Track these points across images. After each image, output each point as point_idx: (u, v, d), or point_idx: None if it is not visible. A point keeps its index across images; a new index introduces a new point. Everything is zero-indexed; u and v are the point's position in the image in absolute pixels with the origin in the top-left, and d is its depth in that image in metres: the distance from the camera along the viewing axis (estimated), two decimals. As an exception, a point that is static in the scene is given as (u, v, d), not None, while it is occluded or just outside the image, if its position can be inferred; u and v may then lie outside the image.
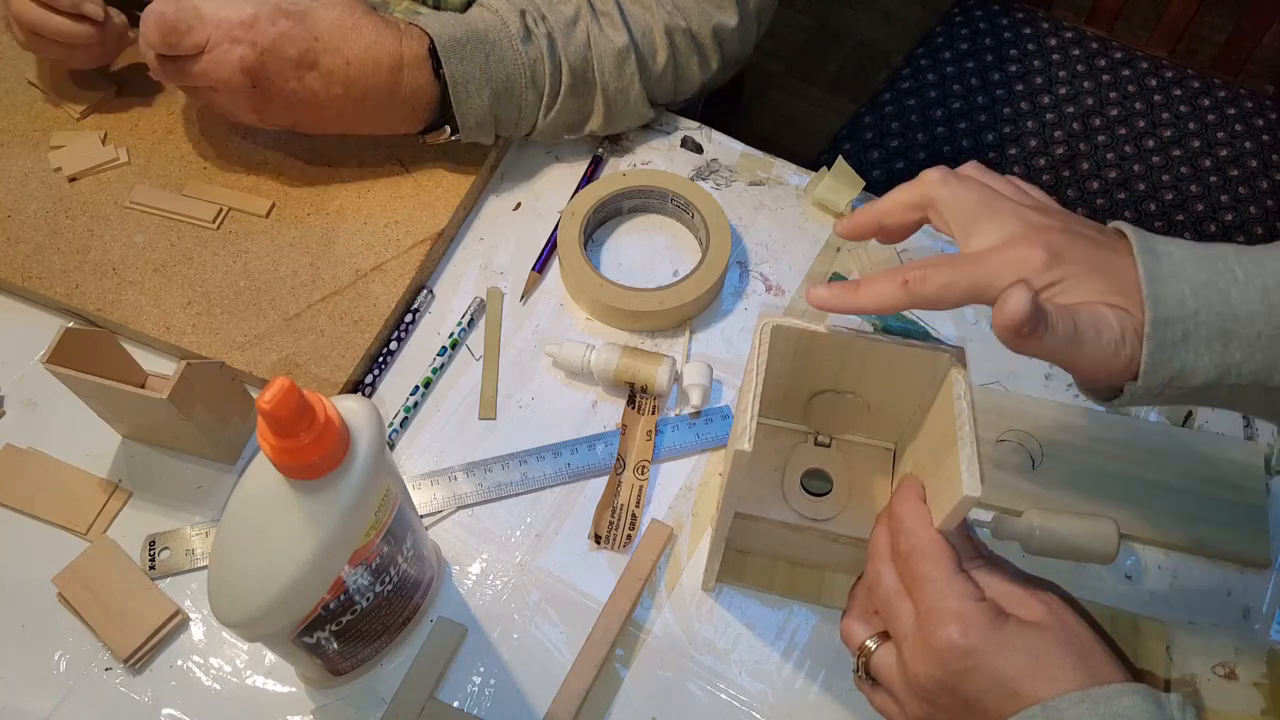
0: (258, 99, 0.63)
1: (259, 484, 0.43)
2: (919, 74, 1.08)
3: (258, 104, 0.63)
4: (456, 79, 0.65)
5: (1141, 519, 0.61)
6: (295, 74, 0.62)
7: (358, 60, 0.63)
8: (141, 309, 0.66)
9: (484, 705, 0.56)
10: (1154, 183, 0.98)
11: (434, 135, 0.69)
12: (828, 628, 0.58)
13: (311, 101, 0.64)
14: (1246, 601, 0.59)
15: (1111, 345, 0.41)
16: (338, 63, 0.63)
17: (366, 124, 0.67)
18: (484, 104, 0.67)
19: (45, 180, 0.71)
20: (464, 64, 0.65)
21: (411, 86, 0.65)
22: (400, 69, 0.65)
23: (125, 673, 0.56)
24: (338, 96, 0.64)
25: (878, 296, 0.44)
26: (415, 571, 0.54)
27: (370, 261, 0.68)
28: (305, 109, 0.64)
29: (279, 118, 0.65)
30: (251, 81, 0.62)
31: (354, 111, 0.65)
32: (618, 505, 0.61)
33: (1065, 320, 0.40)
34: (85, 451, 0.62)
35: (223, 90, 0.63)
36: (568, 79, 0.69)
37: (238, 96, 0.63)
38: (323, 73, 0.63)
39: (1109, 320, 0.41)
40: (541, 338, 0.68)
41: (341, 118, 0.66)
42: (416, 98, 0.66)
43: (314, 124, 0.67)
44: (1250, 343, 0.41)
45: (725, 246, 0.68)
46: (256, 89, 0.62)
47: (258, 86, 0.62)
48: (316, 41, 0.62)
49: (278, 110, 0.64)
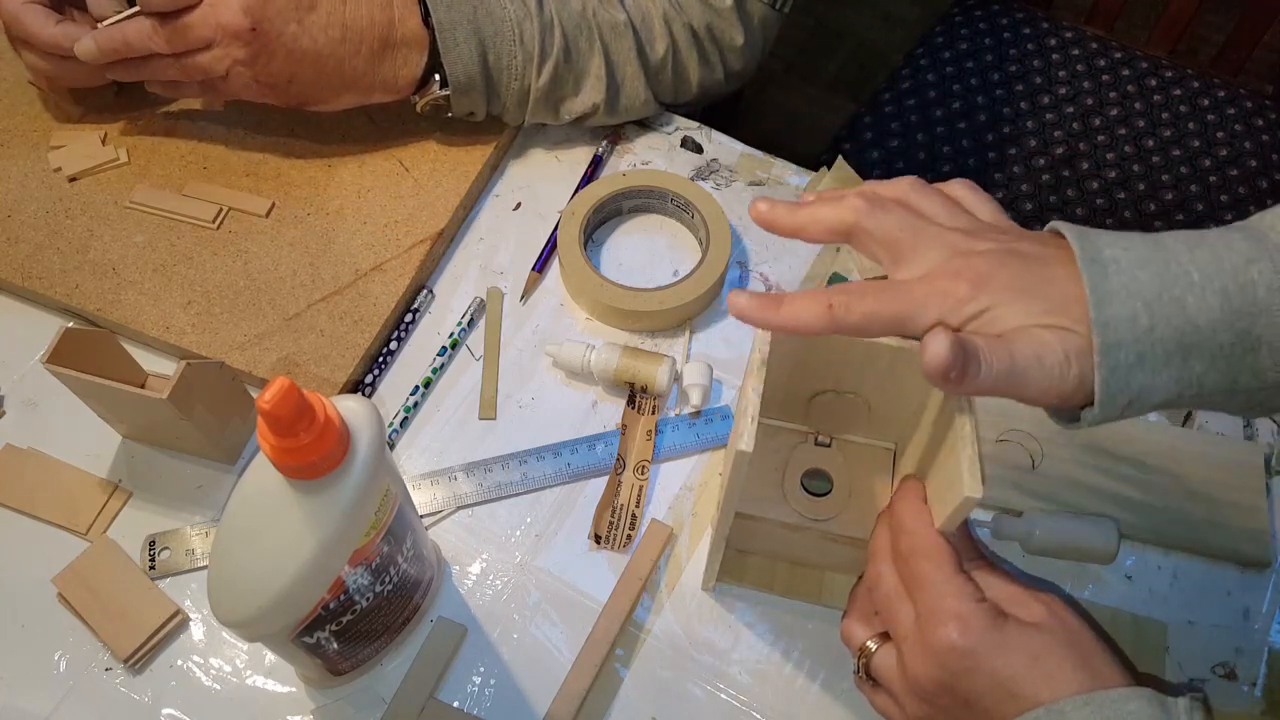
0: (257, 47, 0.63)
1: (259, 484, 0.43)
2: (919, 74, 1.08)
3: (256, 52, 0.63)
4: (444, 25, 0.66)
5: (1141, 519, 0.61)
6: (296, 14, 0.63)
7: (353, 2, 0.64)
8: (141, 309, 0.66)
9: (484, 705, 0.56)
10: (1154, 183, 0.98)
11: (425, 91, 0.69)
12: (828, 628, 0.58)
13: (311, 49, 0.64)
14: (1246, 601, 0.59)
15: (1056, 370, 0.38)
16: (334, 3, 0.64)
17: (364, 79, 0.67)
18: (472, 54, 0.67)
19: (45, 180, 0.71)
20: (450, 11, 0.66)
21: (403, 33, 0.66)
22: (391, 10, 0.65)
23: (125, 673, 0.56)
24: (335, 40, 0.64)
25: (799, 317, 0.41)
26: (415, 571, 0.54)
27: (370, 261, 0.68)
28: (305, 60, 0.64)
29: (278, 71, 0.64)
30: (252, 23, 0.62)
31: (351, 63, 0.65)
32: (618, 505, 0.61)
33: (1000, 354, 0.38)
34: (85, 451, 0.62)
35: (221, 41, 0.62)
36: (559, 40, 0.69)
37: (236, 45, 0.62)
38: (321, 15, 0.63)
39: (1049, 344, 0.38)
40: (541, 338, 0.68)
41: (340, 72, 0.66)
42: (408, 46, 0.66)
43: (313, 80, 0.66)
44: (1212, 353, 0.38)
45: (725, 246, 0.68)
46: (256, 32, 0.62)
47: (258, 29, 0.62)
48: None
49: (277, 62, 0.64)
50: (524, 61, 0.69)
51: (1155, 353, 0.38)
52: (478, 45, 0.67)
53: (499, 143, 0.74)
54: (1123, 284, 0.38)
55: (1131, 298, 0.38)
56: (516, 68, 0.69)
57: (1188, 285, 0.38)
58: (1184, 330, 0.38)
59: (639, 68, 0.72)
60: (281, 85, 0.66)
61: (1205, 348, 0.38)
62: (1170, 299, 0.38)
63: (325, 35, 0.64)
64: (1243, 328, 0.38)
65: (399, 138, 0.73)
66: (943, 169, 1.00)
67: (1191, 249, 0.39)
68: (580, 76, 0.71)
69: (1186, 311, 0.38)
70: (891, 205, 0.43)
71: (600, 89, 0.71)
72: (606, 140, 0.76)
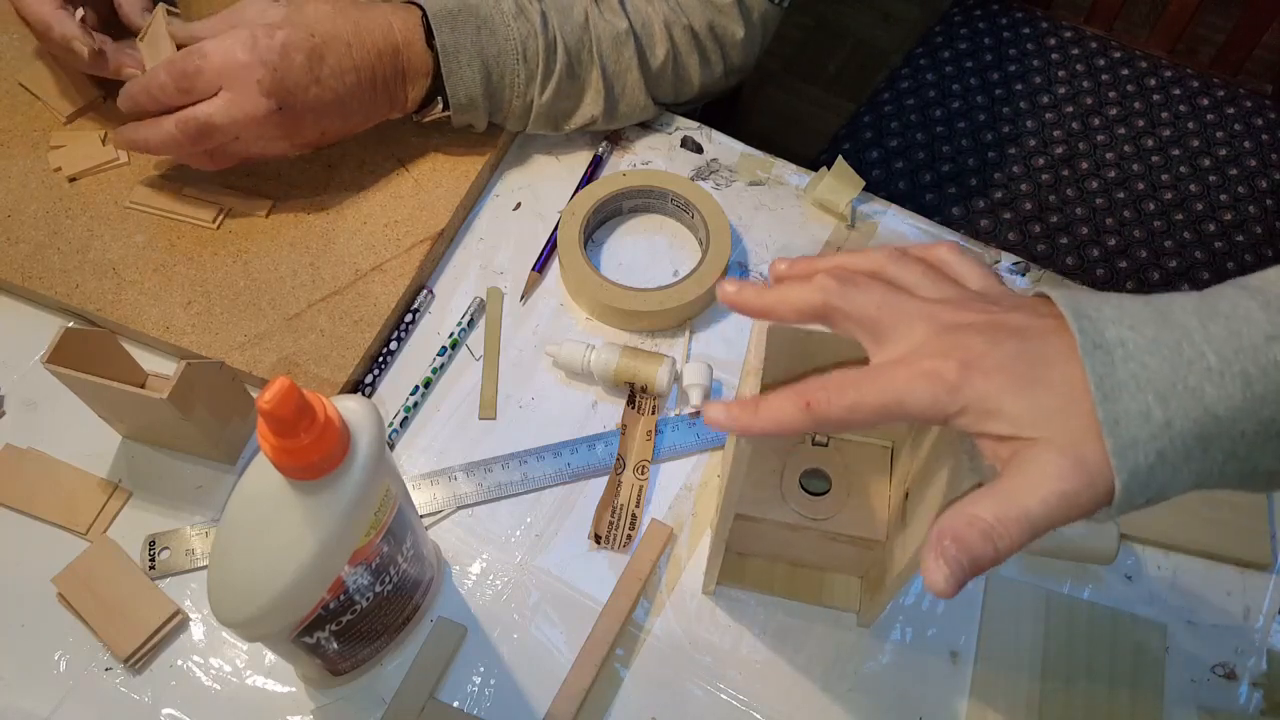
0: (286, 121, 0.63)
1: (259, 484, 0.43)
2: (918, 74, 1.08)
3: (287, 127, 0.64)
4: (448, 49, 0.66)
5: (1142, 519, 0.61)
6: (311, 76, 0.63)
7: (357, 42, 0.64)
8: (141, 309, 0.66)
9: (484, 705, 0.56)
10: (1153, 182, 0.98)
11: (427, 111, 0.69)
12: (828, 628, 0.58)
13: (333, 100, 0.64)
14: (1246, 601, 0.59)
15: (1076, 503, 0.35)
16: (340, 49, 0.63)
17: (380, 106, 0.67)
18: (475, 77, 0.67)
19: (45, 180, 0.71)
20: (455, 34, 0.66)
21: (409, 57, 0.66)
22: (395, 40, 0.65)
23: (125, 673, 0.56)
24: (352, 85, 0.64)
25: (778, 419, 0.38)
26: (415, 571, 0.54)
27: (370, 261, 0.68)
28: (330, 112, 0.65)
29: (309, 133, 0.65)
30: (277, 103, 0.62)
31: (369, 97, 0.66)
32: (618, 505, 0.61)
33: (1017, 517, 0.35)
34: (85, 451, 0.62)
35: (250, 126, 0.62)
36: (563, 58, 0.69)
37: (267, 127, 0.63)
38: (331, 64, 0.63)
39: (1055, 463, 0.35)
40: (541, 338, 0.68)
41: (363, 108, 0.66)
42: (414, 69, 0.67)
43: (340, 126, 0.67)
44: (1234, 440, 0.34)
45: (725, 246, 0.68)
46: (283, 111, 0.62)
47: (284, 107, 0.62)
48: (314, 37, 0.63)
49: (307, 126, 0.65)
50: (526, 79, 0.69)
51: (1173, 449, 0.34)
52: (481, 67, 0.67)
53: (499, 143, 0.74)
54: (1130, 373, 0.35)
55: (1142, 391, 0.34)
56: (519, 85, 0.69)
57: (1204, 372, 0.34)
58: (1202, 423, 0.34)
59: (639, 75, 0.72)
60: (315, 141, 0.67)
61: (1226, 436, 0.35)
62: (1186, 389, 0.34)
63: (342, 83, 0.64)
64: (1268, 415, 0.34)
65: (399, 138, 0.73)
66: (942, 169, 1.00)
67: (1203, 321, 0.35)
68: (581, 91, 0.71)
69: (1204, 401, 0.34)
70: (865, 280, 0.40)
71: (599, 101, 0.72)
72: (606, 140, 0.76)
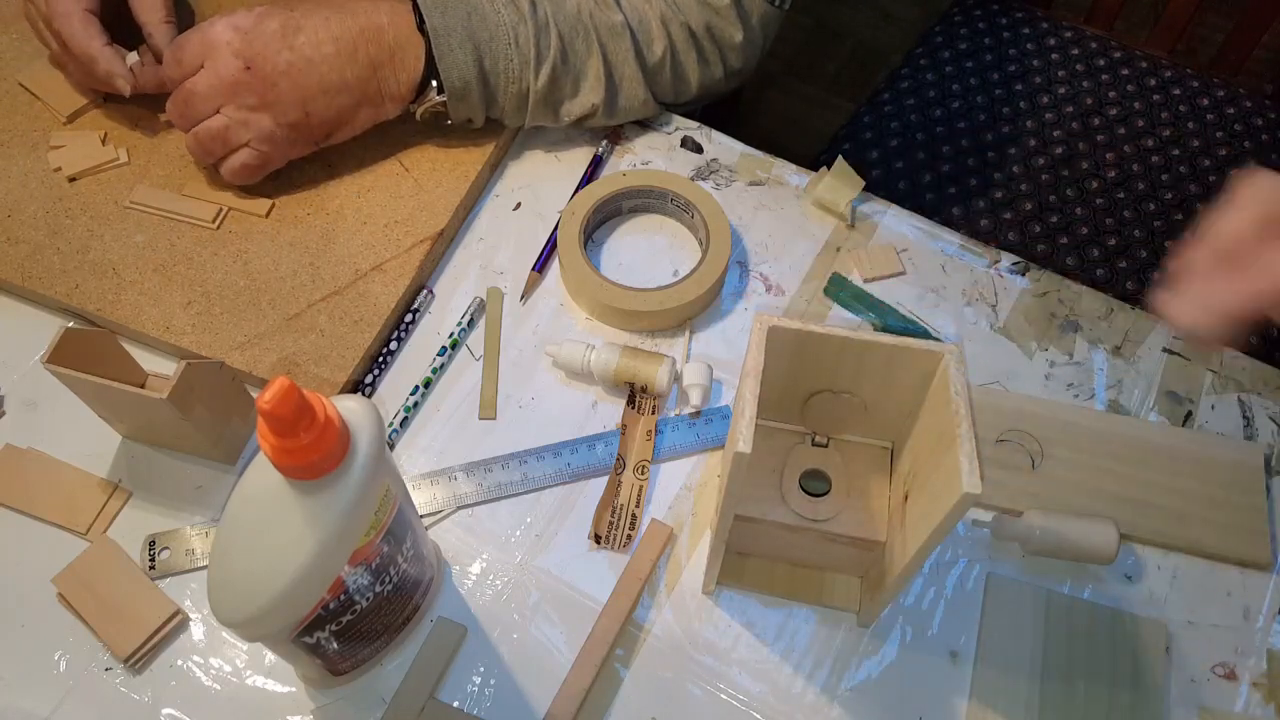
0: (259, 85, 0.64)
1: (259, 484, 0.43)
2: (918, 74, 1.08)
3: (263, 93, 0.64)
4: (439, 30, 0.66)
5: (1141, 519, 0.61)
6: (284, 43, 0.64)
7: (337, 17, 0.66)
8: (141, 309, 0.66)
9: (484, 705, 0.56)
10: (1153, 182, 0.98)
11: (423, 99, 0.69)
12: (828, 628, 0.58)
13: (307, 67, 0.65)
14: (1246, 602, 0.59)
15: None
16: (318, 22, 0.66)
17: (369, 86, 0.67)
18: (468, 60, 0.67)
19: (45, 180, 0.71)
20: (445, 17, 0.67)
21: (395, 36, 0.67)
22: (380, 20, 0.66)
23: (125, 673, 0.56)
24: (329, 55, 0.65)
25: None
26: (415, 571, 0.54)
27: (370, 261, 0.68)
28: (307, 80, 0.65)
29: (290, 107, 0.66)
30: (245, 61, 0.64)
31: (351, 70, 0.66)
32: (618, 505, 0.61)
33: None
34: (85, 451, 0.62)
35: (224, 90, 0.64)
36: (555, 42, 0.69)
37: (241, 92, 0.64)
38: (308, 34, 0.65)
39: None
40: (541, 338, 0.68)
41: (344, 83, 0.66)
42: (403, 50, 0.67)
43: (326, 105, 0.67)
44: None
45: (725, 246, 0.68)
46: (252, 70, 0.64)
47: (252, 66, 0.64)
48: (292, 12, 0.65)
49: (285, 95, 0.65)
50: (520, 65, 0.69)
51: None
52: (473, 50, 0.67)
53: (499, 143, 0.74)
54: None
55: None
56: (513, 71, 0.69)
57: None
58: None
59: (637, 69, 0.72)
60: (301, 120, 0.67)
61: None
62: None
63: (318, 52, 0.65)
64: None
65: (399, 138, 0.73)
66: (942, 169, 1.00)
67: None
68: (579, 78, 0.71)
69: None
70: None
71: (599, 89, 0.71)
72: (606, 140, 0.76)
